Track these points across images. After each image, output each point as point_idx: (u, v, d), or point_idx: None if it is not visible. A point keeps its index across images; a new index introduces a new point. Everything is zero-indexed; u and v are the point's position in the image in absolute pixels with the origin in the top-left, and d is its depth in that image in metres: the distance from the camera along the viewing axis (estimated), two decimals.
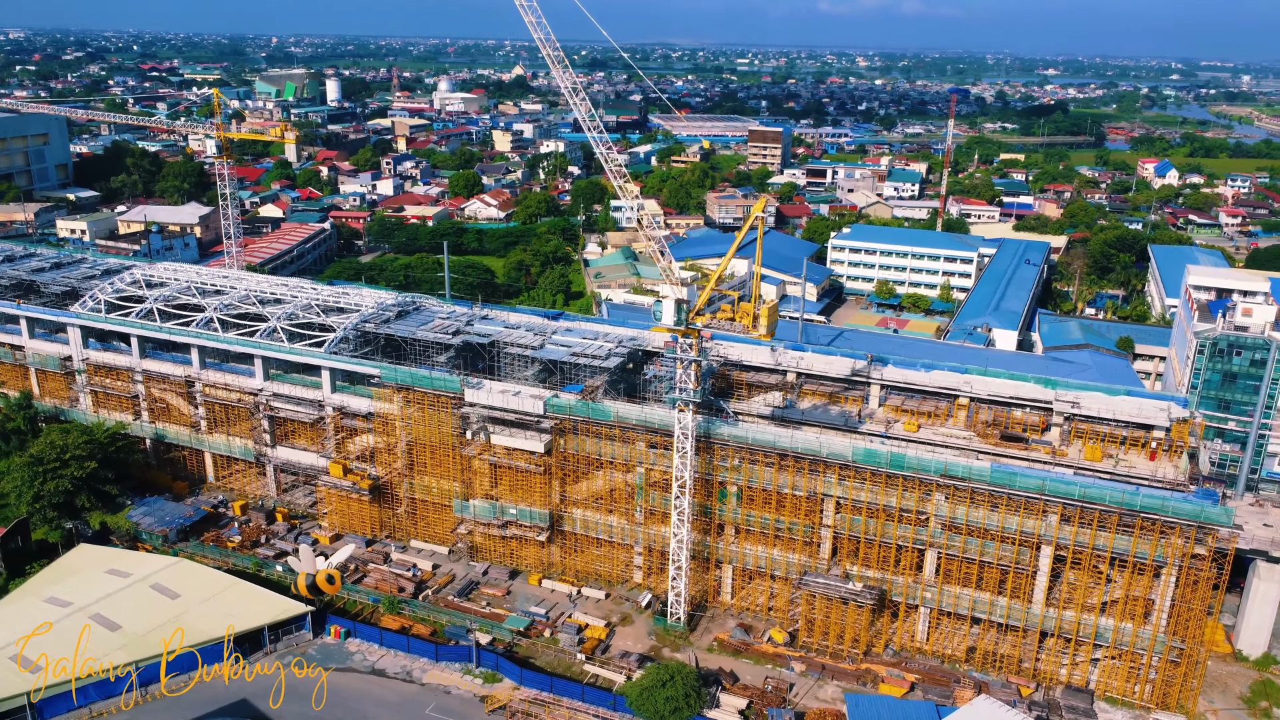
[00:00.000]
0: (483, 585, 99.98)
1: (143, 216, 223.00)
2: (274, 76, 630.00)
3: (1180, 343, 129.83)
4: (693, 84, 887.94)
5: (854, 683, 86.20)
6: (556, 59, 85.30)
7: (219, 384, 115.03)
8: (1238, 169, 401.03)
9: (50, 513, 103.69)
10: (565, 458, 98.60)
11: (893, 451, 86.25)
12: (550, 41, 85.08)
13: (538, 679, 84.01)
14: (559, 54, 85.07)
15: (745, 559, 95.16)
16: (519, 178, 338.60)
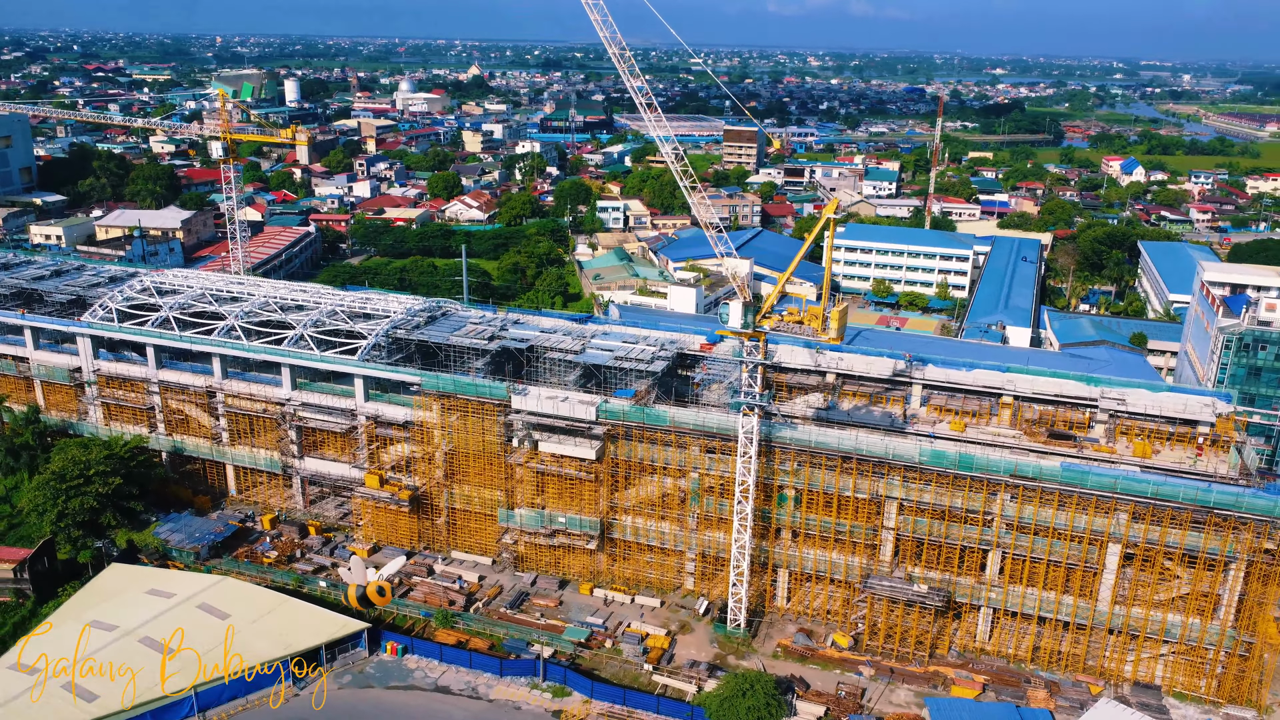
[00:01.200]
0: (533, 596, 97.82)
1: (121, 221, 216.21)
2: (230, 77, 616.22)
3: (1198, 338, 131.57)
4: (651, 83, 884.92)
5: (924, 686, 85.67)
6: (622, 58, 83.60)
7: (243, 394, 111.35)
8: (1197, 166, 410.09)
9: (75, 531, 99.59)
10: (616, 464, 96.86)
11: (961, 452, 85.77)
12: (616, 41, 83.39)
13: (609, 691, 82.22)
14: (627, 55, 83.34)
15: (804, 563, 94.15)
16: (496, 178, 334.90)
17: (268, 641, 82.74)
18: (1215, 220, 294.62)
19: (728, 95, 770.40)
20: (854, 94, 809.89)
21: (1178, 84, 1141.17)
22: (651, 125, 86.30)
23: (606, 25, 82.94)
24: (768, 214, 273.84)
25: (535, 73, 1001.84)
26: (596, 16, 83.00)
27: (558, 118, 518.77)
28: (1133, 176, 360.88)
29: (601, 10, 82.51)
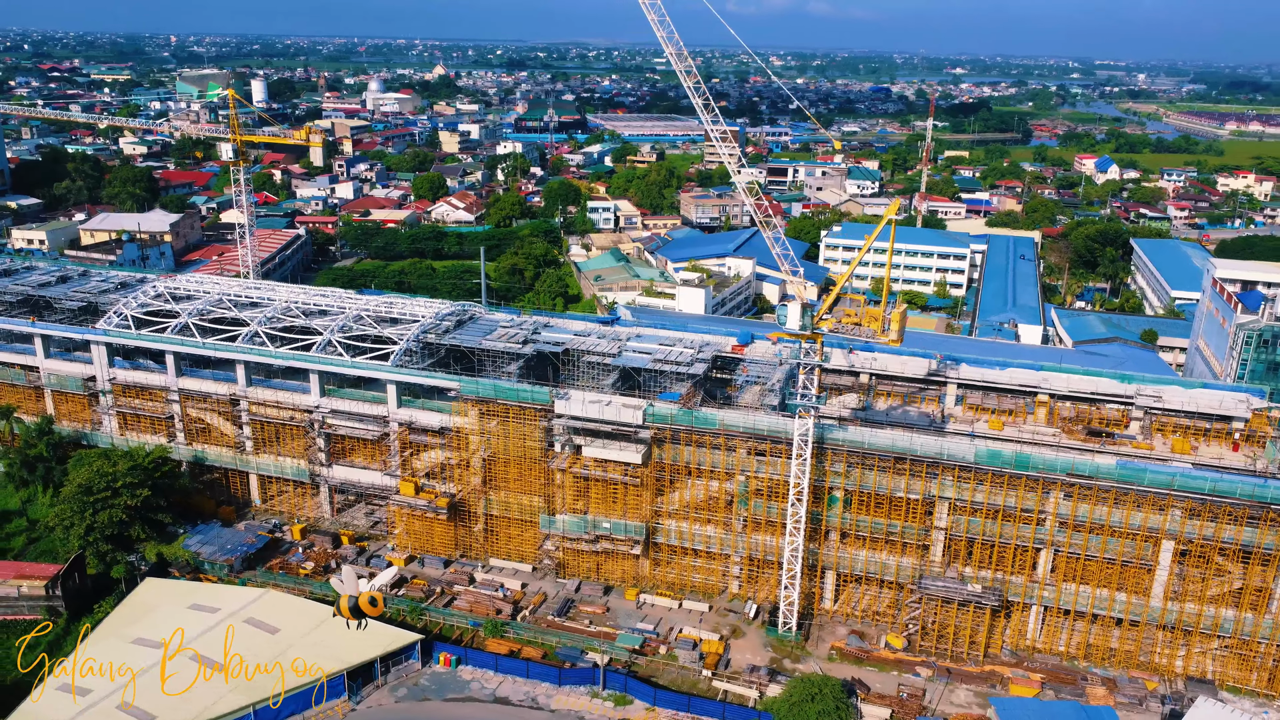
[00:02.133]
0: (579, 603, 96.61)
1: (107, 225, 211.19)
2: (194, 77, 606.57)
3: (1212, 334, 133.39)
4: (619, 83, 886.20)
5: (982, 685, 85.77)
6: (679, 58, 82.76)
7: (269, 401, 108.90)
8: (1165, 163, 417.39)
9: (104, 546, 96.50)
10: (661, 468, 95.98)
11: (1018, 452, 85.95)
12: (674, 41, 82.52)
13: (672, 699, 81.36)
14: (684, 55, 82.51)
15: (854, 564, 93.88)
16: (479, 179, 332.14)
17: (322, 656, 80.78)
18: (1192, 217, 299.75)
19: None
20: (821, 94, 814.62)
21: (1133, 83, 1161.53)
22: (708, 126, 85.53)
23: (664, 25, 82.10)
24: None
25: (501, 72, 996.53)
26: (653, 16, 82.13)
27: (531, 118, 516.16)
28: (1108, 175, 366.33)
29: (659, 10, 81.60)
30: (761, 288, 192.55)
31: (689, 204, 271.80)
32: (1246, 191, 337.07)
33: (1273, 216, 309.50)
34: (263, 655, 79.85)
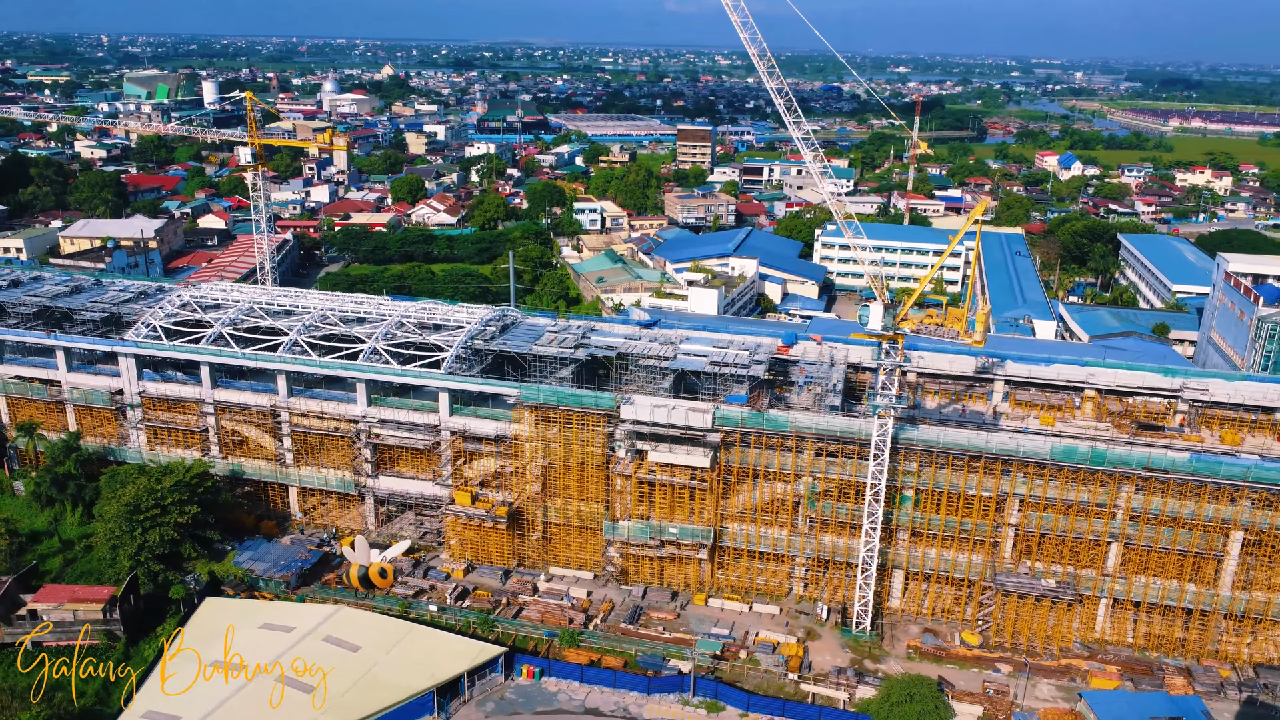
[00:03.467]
0: (648, 609, 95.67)
1: (88, 231, 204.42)
2: (142, 78, 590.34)
3: (1227, 326, 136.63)
4: (572, 83, 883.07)
5: (1061, 679, 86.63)
6: (762, 58, 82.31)
7: (312, 412, 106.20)
8: (1121, 160, 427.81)
9: (155, 565, 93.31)
10: (727, 471, 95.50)
11: (1094, 448, 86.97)
12: (757, 42, 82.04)
13: (765, 704, 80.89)
14: (768, 56, 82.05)
15: (925, 563, 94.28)
16: (454, 181, 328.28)
17: (409, 672, 78.89)
18: (1158, 212, 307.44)
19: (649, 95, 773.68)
20: None
21: (1071, 81, 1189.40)
22: (792, 127, 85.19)
23: (747, 26, 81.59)
24: (741, 213, 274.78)
25: (451, 72, 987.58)
26: (737, 18, 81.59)
27: (493, 118, 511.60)
28: (1071, 171, 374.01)
29: (742, 11, 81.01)
30: (764, 287, 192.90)
31: (674, 204, 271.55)
32: (1207, 186, 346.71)
33: (1233, 210, 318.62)
34: (349, 674, 77.72)
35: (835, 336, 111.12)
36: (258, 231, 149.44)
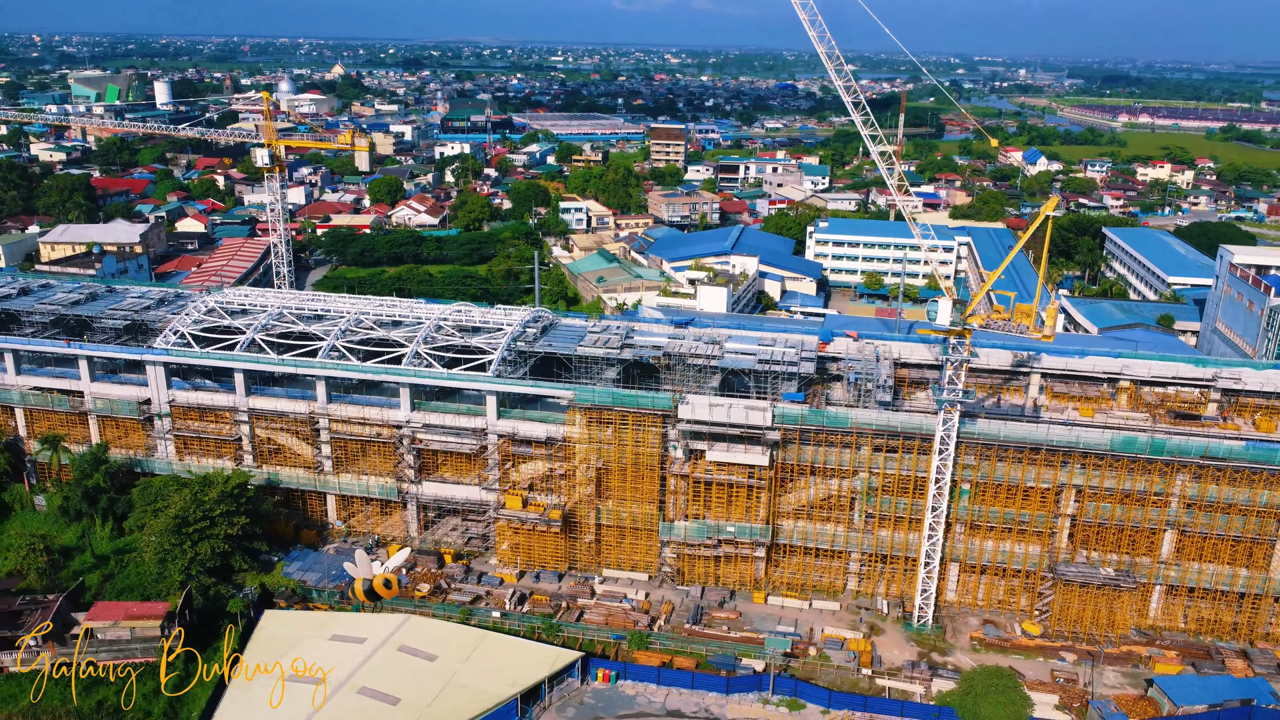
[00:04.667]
0: (710, 609, 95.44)
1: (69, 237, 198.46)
2: (91, 78, 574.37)
3: (1234, 317, 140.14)
4: (527, 82, 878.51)
5: (1125, 666, 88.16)
6: (830, 57, 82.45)
7: (353, 418, 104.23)
8: (1079, 155, 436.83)
9: (206, 579, 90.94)
10: (784, 469, 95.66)
11: (1153, 438, 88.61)
12: (826, 41, 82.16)
13: (846, 700, 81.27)
14: (836, 54, 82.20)
15: (982, 555, 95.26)
16: (429, 182, 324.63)
17: (491, 680, 77.83)
18: (1125, 206, 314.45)
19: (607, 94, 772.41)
20: (732, 91, 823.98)
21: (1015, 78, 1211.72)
22: (860, 125, 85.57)
23: (816, 25, 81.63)
24: (724, 211, 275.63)
25: (402, 71, 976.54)
26: (805, 15, 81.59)
27: (456, 117, 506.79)
28: (1037, 166, 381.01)
29: (811, 10, 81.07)
30: (763, 285, 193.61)
31: (658, 203, 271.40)
32: (1171, 180, 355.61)
33: (1196, 204, 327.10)
34: (430, 685, 76.48)
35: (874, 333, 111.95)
36: (275, 234, 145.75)
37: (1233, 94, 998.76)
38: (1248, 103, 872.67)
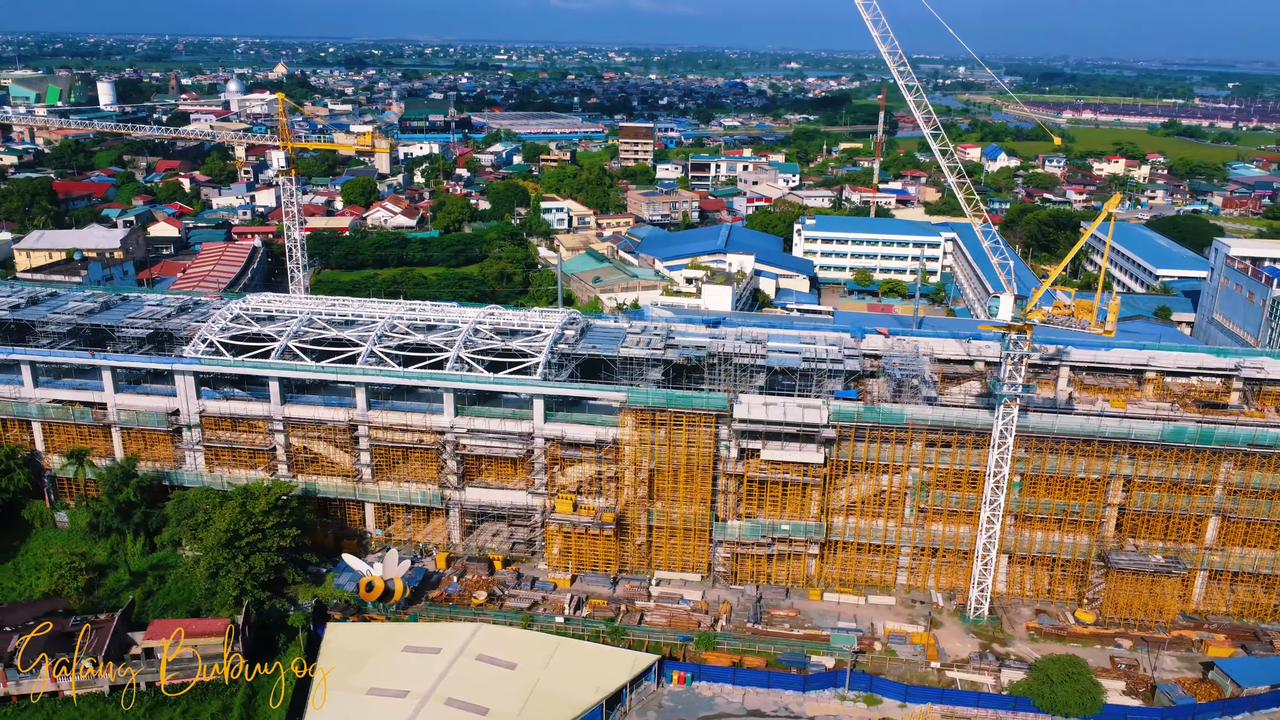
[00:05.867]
0: (768, 608, 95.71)
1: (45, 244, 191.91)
2: (27, 79, 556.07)
3: (1235, 307, 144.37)
4: (477, 81, 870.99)
5: (1178, 650, 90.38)
6: (893, 55, 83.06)
7: (395, 425, 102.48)
8: (1036, 151, 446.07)
9: (261, 593, 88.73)
10: (838, 466, 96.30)
11: (1202, 428, 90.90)
12: (889, 40, 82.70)
13: (923, 693, 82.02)
14: (899, 55, 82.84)
15: (1033, 546, 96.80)
16: (400, 183, 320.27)
17: (574, 686, 77.15)
18: (1088, 201, 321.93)
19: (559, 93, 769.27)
20: (684, 90, 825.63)
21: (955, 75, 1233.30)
22: (923, 123, 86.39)
23: (879, 25, 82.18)
24: (703, 210, 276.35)
25: (349, 71, 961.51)
26: (868, 15, 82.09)
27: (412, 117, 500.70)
28: (997, 163, 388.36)
29: (875, 11, 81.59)
30: (759, 282, 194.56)
31: (638, 202, 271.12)
32: (1128, 175, 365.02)
33: (1153, 198, 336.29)
34: (516, 693, 75.56)
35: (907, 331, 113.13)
36: (292, 239, 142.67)
37: (1165, 90, 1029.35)
38: (1181, 99, 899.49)
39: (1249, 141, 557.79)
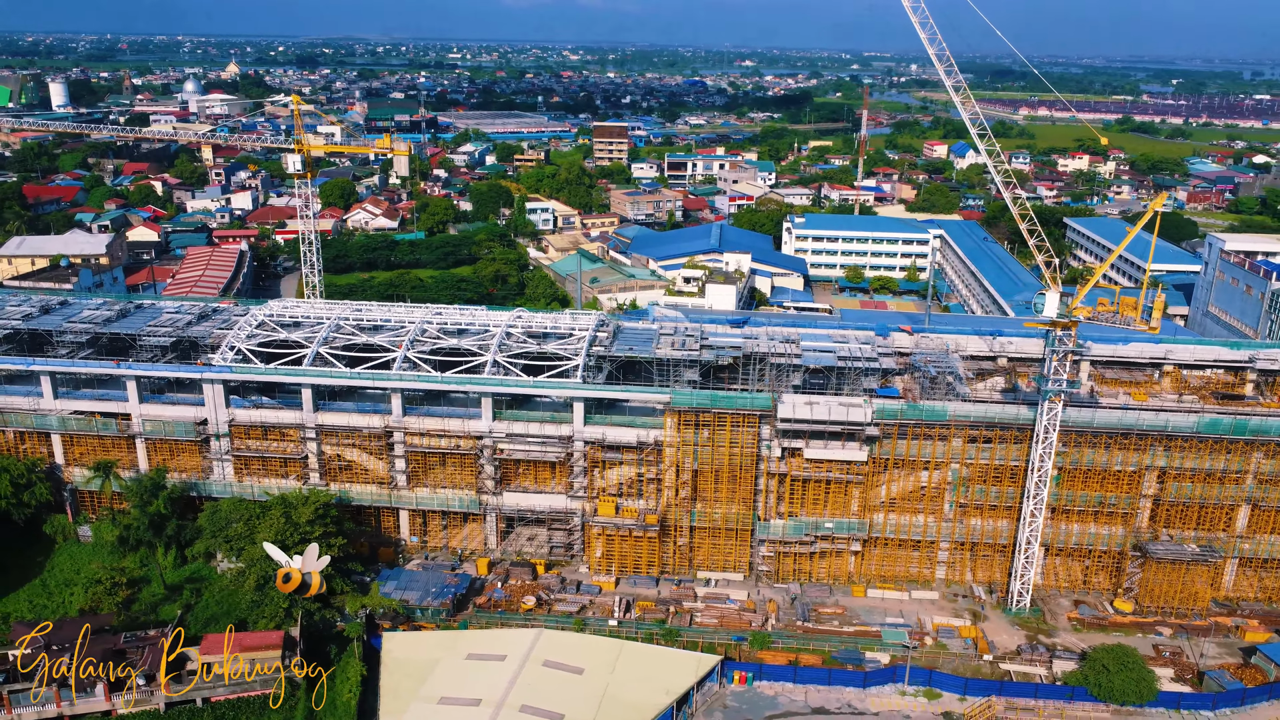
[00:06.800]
0: (815, 605, 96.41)
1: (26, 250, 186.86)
2: None
3: (1232, 301, 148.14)
4: (436, 79, 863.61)
5: (1217, 636, 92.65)
6: (941, 59, 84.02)
7: (431, 430, 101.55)
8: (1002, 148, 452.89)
9: (310, 604, 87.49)
10: (880, 463, 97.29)
11: (1235, 419, 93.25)
12: (936, 42, 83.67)
13: (982, 686, 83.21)
14: (946, 54, 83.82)
15: (1070, 538, 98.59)
16: (375, 184, 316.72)
17: (644, 690, 77.14)
18: (1058, 196, 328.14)
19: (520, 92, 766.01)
20: (644, 88, 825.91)
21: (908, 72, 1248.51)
22: (969, 123, 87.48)
23: (926, 27, 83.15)
24: (686, 209, 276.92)
25: (303, 70, 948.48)
26: (916, 19, 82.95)
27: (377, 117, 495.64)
28: (966, 160, 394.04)
29: (923, 13, 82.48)
30: (755, 281, 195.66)
31: (622, 201, 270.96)
32: (1094, 171, 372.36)
33: (1119, 193, 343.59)
34: (588, 698, 75.39)
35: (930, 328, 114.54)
36: (308, 243, 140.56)
37: (1112, 88, 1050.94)
38: (1130, 95, 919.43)
39: (1201, 137, 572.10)
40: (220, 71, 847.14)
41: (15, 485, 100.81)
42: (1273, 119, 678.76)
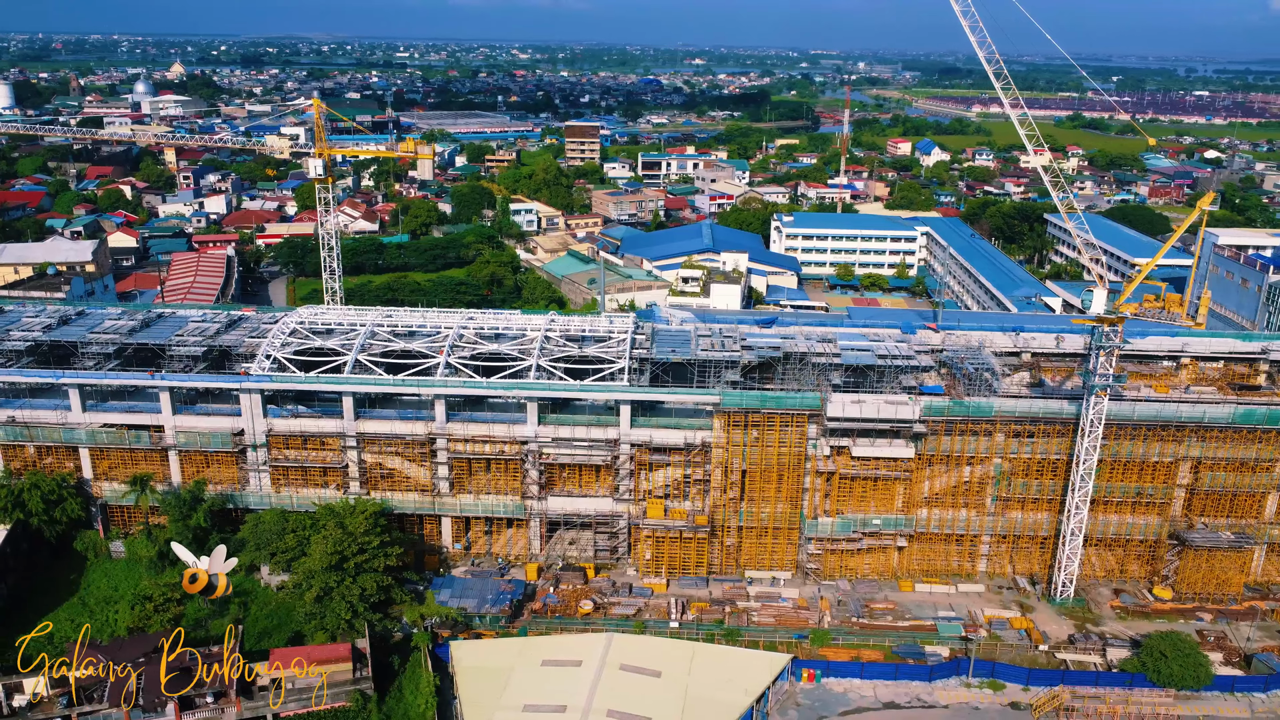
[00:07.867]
0: (867, 601, 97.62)
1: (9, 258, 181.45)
2: None
3: (1228, 294, 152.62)
4: (390, 79, 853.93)
5: (1253, 620, 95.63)
6: (990, 61, 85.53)
7: (476, 437, 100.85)
8: (961, 144, 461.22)
9: (372, 615, 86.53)
10: (926, 460, 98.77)
11: (1269, 410, 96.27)
12: (986, 45, 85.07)
13: (1045, 676, 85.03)
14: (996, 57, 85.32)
15: (1108, 528, 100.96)
16: (349, 186, 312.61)
17: (724, 691, 77.70)
18: (1026, 193, 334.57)
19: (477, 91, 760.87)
20: (600, 87, 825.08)
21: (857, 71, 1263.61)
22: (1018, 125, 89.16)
23: (976, 30, 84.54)
24: (668, 209, 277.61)
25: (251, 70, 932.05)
26: (966, 22, 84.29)
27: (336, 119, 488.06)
28: (932, 157, 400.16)
29: (972, 17, 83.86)
30: (751, 280, 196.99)
31: (605, 202, 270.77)
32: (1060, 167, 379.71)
33: (1083, 188, 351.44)
34: (671, 701, 75.72)
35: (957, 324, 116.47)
36: (327, 249, 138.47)
37: (1056, 84, 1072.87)
38: (1075, 93, 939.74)
39: (1150, 133, 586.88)
40: (165, 71, 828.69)
41: (46, 501, 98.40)
42: (1215, 114, 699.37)
